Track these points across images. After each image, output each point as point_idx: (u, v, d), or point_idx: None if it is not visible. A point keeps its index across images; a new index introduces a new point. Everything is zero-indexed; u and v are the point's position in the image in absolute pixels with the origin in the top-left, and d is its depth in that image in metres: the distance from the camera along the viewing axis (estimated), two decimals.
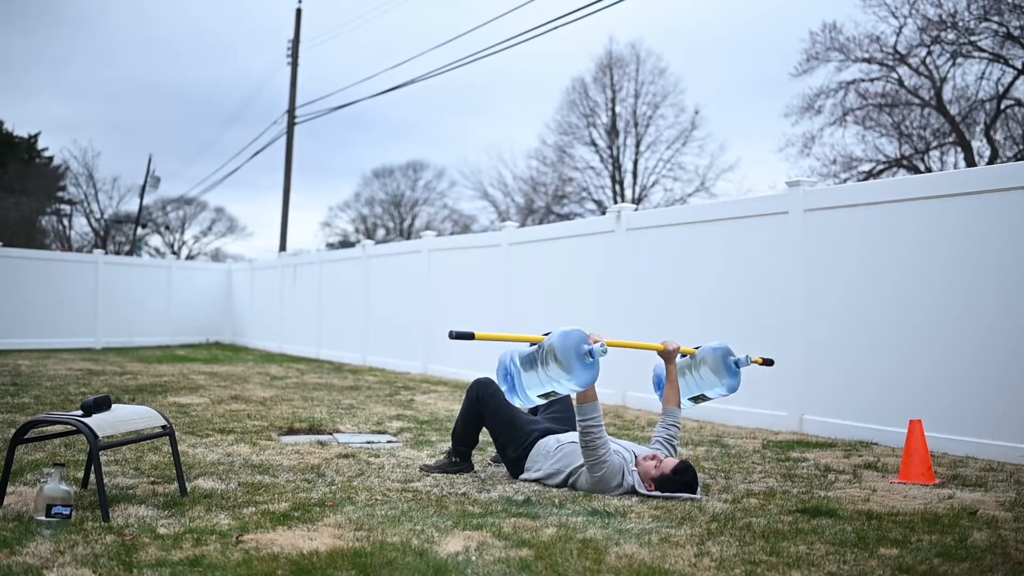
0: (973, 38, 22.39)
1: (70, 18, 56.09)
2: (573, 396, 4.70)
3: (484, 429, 5.32)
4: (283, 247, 25.74)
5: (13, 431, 5.12)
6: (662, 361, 5.34)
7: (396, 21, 56.67)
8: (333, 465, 5.41)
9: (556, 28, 14.03)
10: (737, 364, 5.23)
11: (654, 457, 4.75)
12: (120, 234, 43.66)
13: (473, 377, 7.53)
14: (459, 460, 5.32)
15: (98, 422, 4.04)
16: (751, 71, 45.38)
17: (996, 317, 6.02)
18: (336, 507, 4.26)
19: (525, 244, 11.08)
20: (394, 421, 7.57)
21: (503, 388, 4.54)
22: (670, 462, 4.66)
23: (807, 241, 7.35)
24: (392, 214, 47.15)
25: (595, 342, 4.40)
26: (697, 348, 5.41)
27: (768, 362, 5.71)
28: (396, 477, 5.10)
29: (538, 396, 4.47)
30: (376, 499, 4.49)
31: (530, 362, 4.42)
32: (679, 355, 5.34)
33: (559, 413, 5.37)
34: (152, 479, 4.87)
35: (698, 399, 5.39)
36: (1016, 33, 21.58)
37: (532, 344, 4.50)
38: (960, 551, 3.58)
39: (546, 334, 4.48)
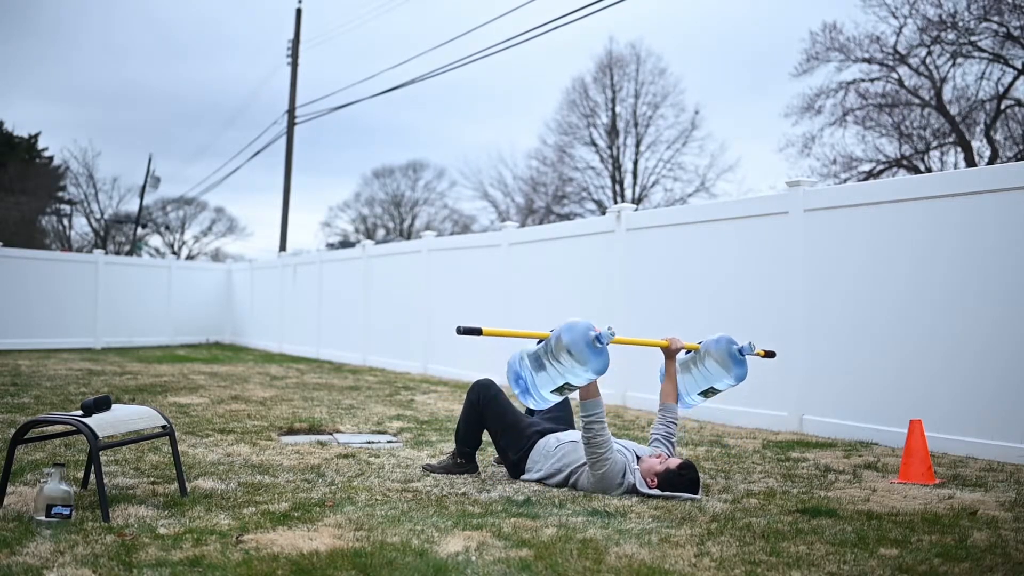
0: (973, 38, 22.39)
1: (71, 19, 56.15)
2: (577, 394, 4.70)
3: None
4: (283, 247, 25.74)
5: (13, 431, 5.12)
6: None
7: (396, 21, 56.70)
8: (333, 465, 5.41)
9: (556, 28, 14.05)
10: (742, 352, 5.18)
11: (659, 456, 4.77)
12: (120, 234, 43.68)
13: (473, 377, 7.53)
14: (464, 461, 5.32)
15: (98, 422, 4.04)
16: (751, 71, 45.41)
17: (998, 317, 6.02)
18: (336, 507, 4.26)
19: (525, 244, 11.08)
20: (394, 421, 7.57)
21: (516, 391, 4.54)
22: (675, 460, 4.70)
23: (808, 241, 7.35)
24: (392, 214, 47.16)
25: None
26: (700, 343, 5.37)
27: (770, 354, 5.63)
28: (396, 477, 5.10)
29: (552, 392, 4.45)
30: (376, 499, 4.48)
31: (539, 360, 4.42)
32: (682, 351, 5.34)
33: (558, 412, 5.37)
34: (152, 479, 4.87)
35: (708, 393, 5.31)
36: (1016, 33, 21.58)
37: (539, 341, 4.50)
38: (960, 551, 3.58)
39: (551, 331, 4.48)
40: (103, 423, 4.07)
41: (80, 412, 4.10)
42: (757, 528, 3.92)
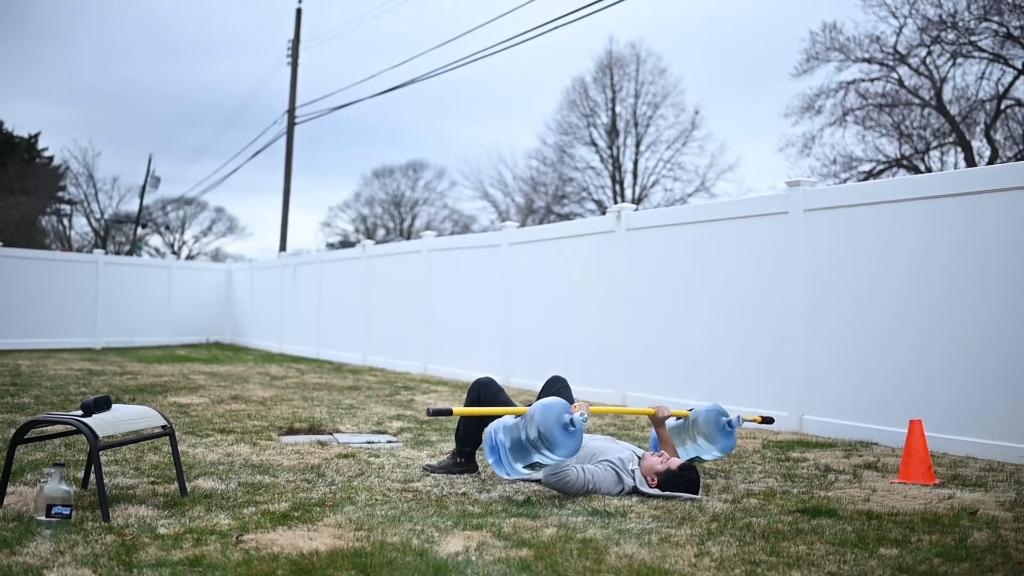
0: (973, 38, 22.39)
1: (71, 19, 56.15)
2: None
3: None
4: (283, 247, 25.73)
5: (13, 431, 5.12)
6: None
7: (396, 21, 56.71)
8: (333, 465, 5.41)
9: (556, 28, 14.05)
10: (730, 424, 5.27)
11: (661, 454, 4.77)
12: (120, 234, 43.68)
13: (473, 377, 7.53)
14: (464, 461, 5.32)
15: (98, 422, 4.04)
16: (751, 71, 45.41)
17: (998, 317, 6.02)
18: (336, 507, 4.26)
19: (525, 244, 11.08)
20: (394, 421, 7.57)
21: (490, 461, 4.60)
22: (676, 460, 4.71)
23: (808, 241, 7.35)
24: (392, 214, 47.17)
25: (577, 411, 4.51)
26: (689, 411, 5.45)
27: (768, 420, 5.72)
28: (396, 477, 5.10)
29: (524, 468, 4.55)
30: (376, 499, 4.49)
31: (515, 435, 4.49)
32: (670, 418, 5.36)
33: None
34: (152, 479, 4.87)
35: (694, 460, 5.44)
36: (1016, 33, 21.58)
37: (516, 416, 4.58)
38: (960, 551, 3.58)
39: (529, 404, 4.54)
40: (103, 423, 4.07)
41: (80, 412, 4.10)
42: (757, 528, 3.92)
